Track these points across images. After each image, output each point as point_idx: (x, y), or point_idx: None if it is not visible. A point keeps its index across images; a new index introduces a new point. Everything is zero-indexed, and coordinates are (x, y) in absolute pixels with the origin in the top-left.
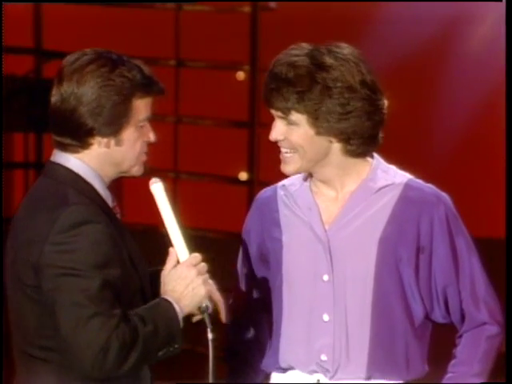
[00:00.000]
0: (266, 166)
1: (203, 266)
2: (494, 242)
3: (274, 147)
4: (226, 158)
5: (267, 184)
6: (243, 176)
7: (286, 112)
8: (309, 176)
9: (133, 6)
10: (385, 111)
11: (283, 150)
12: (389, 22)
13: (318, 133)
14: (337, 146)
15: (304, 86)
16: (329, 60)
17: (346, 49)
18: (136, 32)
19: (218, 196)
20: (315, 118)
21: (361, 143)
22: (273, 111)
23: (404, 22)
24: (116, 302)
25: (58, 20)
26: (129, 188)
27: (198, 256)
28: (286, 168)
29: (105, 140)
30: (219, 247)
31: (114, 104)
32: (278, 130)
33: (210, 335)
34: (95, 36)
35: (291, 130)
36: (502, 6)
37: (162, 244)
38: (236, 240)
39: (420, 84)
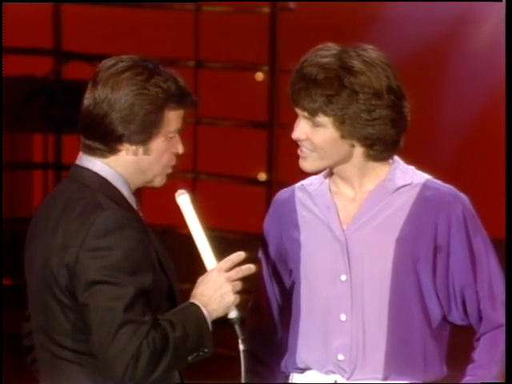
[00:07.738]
0: (285, 166)
1: (235, 272)
2: (494, 242)
3: (294, 148)
4: (245, 159)
5: (286, 185)
6: (262, 177)
7: (312, 113)
8: (328, 176)
9: (152, 6)
10: (409, 118)
11: (303, 148)
12: (395, 21)
13: (343, 136)
14: (359, 150)
15: (333, 90)
16: (357, 64)
17: (373, 52)
18: (155, 33)
19: (237, 197)
20: (341, 122)
21: (383, 149)
22: (298, 110)
23: (409, 21)
24: (147, 308)
25: (77, 21)
26: (147, 188)
27: (229, 261)
28: (304, 165)
29: (133, 148)
30: (238, 248)
31: (146, 113)
32: (302, 130)
33: (241, 346)
34: (114, 37)
35: (315, 132)
36: (502, 5)
37: (180, 245)
38: (255, 240)
39: (425, 83)
